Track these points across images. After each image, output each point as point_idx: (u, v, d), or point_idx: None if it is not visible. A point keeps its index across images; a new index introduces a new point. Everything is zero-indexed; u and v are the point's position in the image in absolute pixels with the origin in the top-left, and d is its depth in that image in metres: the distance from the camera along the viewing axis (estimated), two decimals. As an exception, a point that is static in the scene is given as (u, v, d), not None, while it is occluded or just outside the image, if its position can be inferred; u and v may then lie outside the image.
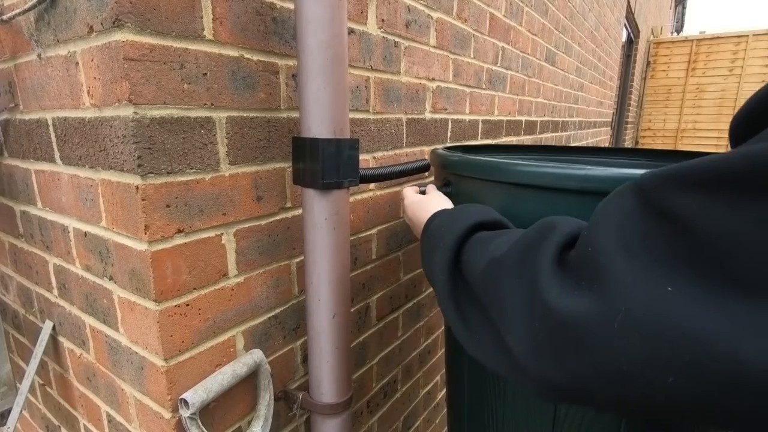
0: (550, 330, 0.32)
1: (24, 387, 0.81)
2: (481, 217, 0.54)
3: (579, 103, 2.82)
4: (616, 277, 0.28)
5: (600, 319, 0.28)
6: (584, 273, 0.31)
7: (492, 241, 0.45)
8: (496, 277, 0.40)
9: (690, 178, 0.26)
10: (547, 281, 0.33)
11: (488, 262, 0.42)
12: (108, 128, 0.54)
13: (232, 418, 0.71)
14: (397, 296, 1.12)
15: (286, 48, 0.69)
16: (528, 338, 0.34)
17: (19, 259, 0.85)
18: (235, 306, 0.68)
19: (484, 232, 0.51)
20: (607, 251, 0.29)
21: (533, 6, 1.72)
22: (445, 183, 0.83)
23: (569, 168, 0.59)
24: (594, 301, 0.29)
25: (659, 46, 7.24)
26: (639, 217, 0.29)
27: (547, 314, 0.32)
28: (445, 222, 0.58)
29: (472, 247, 0.49)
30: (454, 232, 0.52)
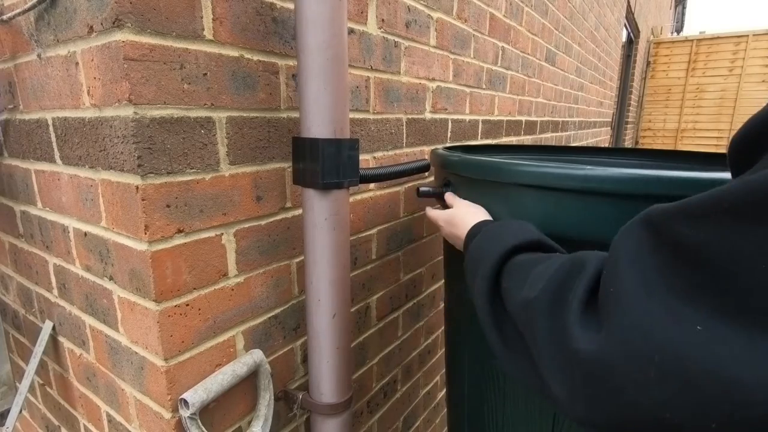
0: (582, 374, 0.32)
1: (24, 387, 0.81)
2: (518, 239, 0.53)
3: (579, 103, 2.82)
4: (641, 322, 0.28)
5: (634, 364, 0.28)
6: (608, 314, 0.31)
7: (529, 272, 0.45)
8: (531, 318, 0.41)
9: (693, 209, 0.26)
10: (575, 325, 0.33)
11: (522, 301, 0.43)
12: (108, 128, 0.54)
13: (232, 418, 0.71)
14: (397, 296, 1.12)
15: (286, 48, 0.69)
16: (562, 381, 0.35)
17: (19, 259, 0.85)
18: (235, 306, 0.68)
19: (524, 256, 0.51)
20: (626, 289, 0.29)
21: (533, 6, 1.72)
22: (445, 183, 0.83)
23: (570, 168, 0.59)
24: (624, 346, 0.29)
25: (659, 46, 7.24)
26: (652, 251, 0.29)
27: (578, 360, 0.32)
28: (482, 246, 0.58)
29: (510, 275, 0.49)
30: (491, 259, 0.52)
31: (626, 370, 0.28)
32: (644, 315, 0.28)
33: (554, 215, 0.62)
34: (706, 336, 0.24)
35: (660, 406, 0.27)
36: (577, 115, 2.83)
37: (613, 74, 4.11)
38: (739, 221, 0.24)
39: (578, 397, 0.33)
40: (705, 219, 0.26)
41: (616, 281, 0.31)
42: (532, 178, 0.63)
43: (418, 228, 1.18)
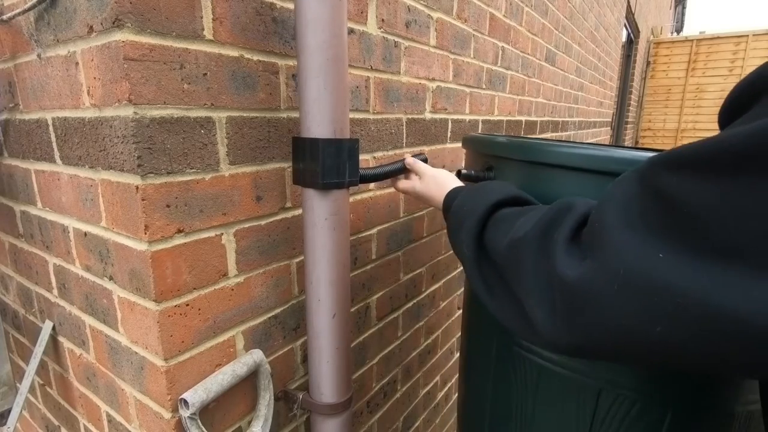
0: (564, 297, 0.36)
1: (24, 387, 0.81)
2: (501, 195, 0.56)
3: (579, 103, 2.82)
4: (617, 247, 0.32)
5: (603, 282, 0.32)
6: (592, 245, 0.35)
7: (514, 220, 0.49)
8: (518, 256, 0.44)
9: (678, 161, 0.30)
10: (562, 257, 0.38)
11: (510, 242, 0.46)
12: (108, 128, 0.54)
13: (232, 418, 0.71)
14: (397, 296, 1.12)
15: (286, 48, 0.69)
16: (546, 307, 0.39)
17: (19, 259, 0.85)
18: (235, 306, 0.68)
19: (506, 210, 0.54)
20: (611, 226, 0.33)
21: (533, 6, 1.72)
22: (487, 167, 0.80)
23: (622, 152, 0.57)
24: (598, 268, 0.33)
25: (659, 46, 7.24)
26: (638, 197, 0.33)
27: (562, 284, 0.36)
28: (467, 201, 0.61)
29: (494, 225, 0.53)
30: (476, 212, 0.55)
31: (599, 290, 0.33)
32: (621, 244, 0.32)
33: None
34: (666, 261, 0.29)
35: (618, 316, 0.32)
36: (577, 115, 2.83)
37: (613, 74, 4.11)
38: (709, 172, 0.27)
39: (561, 321, 0.37)
40: (684, 169, 0.29)
41: (603, 218, 0.35)
42: (594, 162, 0.60)
43: (418, 228, 1.18)
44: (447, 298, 1.42)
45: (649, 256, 0.30)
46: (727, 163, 0.26)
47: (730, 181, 0.26)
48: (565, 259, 0.37)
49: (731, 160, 0.26)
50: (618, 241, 0.32)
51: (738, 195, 0.26)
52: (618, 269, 0.31)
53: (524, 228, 0.45)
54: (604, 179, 0.60)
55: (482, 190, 0.61)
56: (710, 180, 0.27)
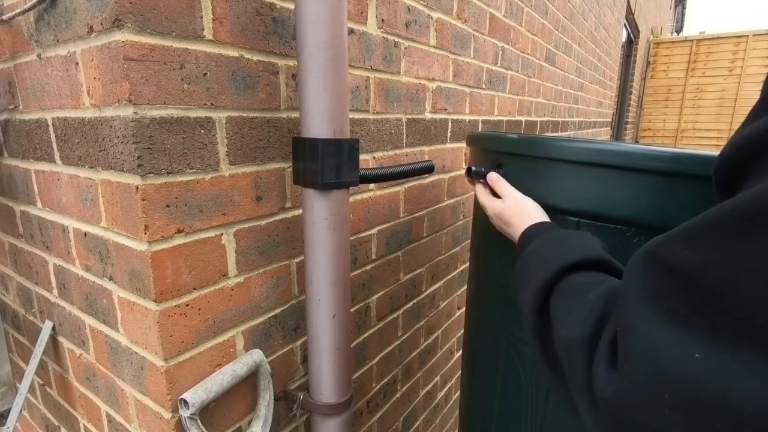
0: (608, 417, 0.33)
1: (24, 387, 0.81)
2: (577, 257, 0.50)
3: (579, 103, 2.82)
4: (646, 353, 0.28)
5: (645, 401, 0.28)
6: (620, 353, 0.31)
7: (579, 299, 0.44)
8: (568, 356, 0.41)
9: (687, 232, 0.27)
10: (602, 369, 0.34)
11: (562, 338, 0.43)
12: (108, 128, 0.54)
13: (232, 418, 0.71)
14: (397, 296, 1.12)
15: (286, 48, 0.69)
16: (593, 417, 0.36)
17: (19, 259, 0.85)
18: (235, 306, 0.68)
19: (578, 276, 0.48)
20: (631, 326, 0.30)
21: (533, 6, 1.72)
22: (497, 165, 0.78)
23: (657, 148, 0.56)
24: (636, 383, 0.29)
25: (659, 46, 7.24)
26: (650, 279, 0.30)
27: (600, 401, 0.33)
28: (539, 252, 0.55)
29: (560, 297, 0.47)
30: (546, 271, 0.50)
31: (641, 404, 0.29)
32: (649, 347, 0.28)
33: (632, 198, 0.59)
34: (706, 364, 0.25)
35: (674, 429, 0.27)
36: (577, 115, 2.83)
37: (613, 74, 4.11)
38: (725, 241, 0.25)
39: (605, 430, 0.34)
40: (696, 241, 0.26)
41: (622, 318, 0.31)
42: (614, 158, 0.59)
43: (418, 228, 1.18)
44: (447, 298, 1.42)
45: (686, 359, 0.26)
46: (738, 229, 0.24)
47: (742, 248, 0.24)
48: (602, 373, 0.34)
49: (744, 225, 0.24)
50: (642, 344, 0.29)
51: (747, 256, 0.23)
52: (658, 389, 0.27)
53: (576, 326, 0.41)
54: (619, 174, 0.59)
55: (560, 242, 0.55)
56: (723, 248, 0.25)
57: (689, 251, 0.27)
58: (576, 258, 0.49)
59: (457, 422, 1.66)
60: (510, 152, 0.76)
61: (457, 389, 1.63)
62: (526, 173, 0.72)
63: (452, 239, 1.39)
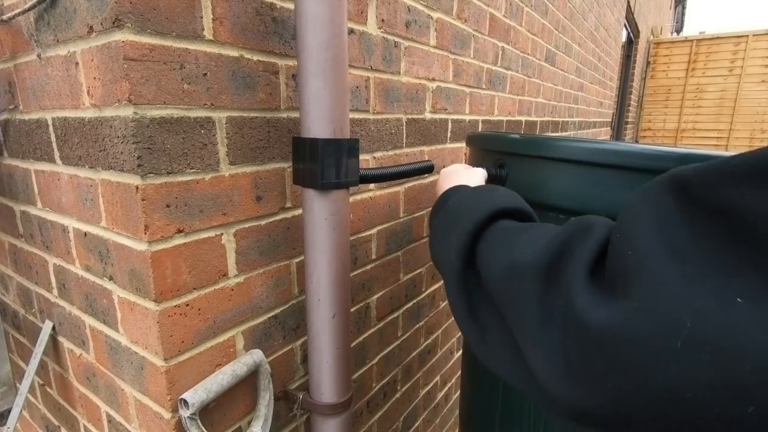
0: (587, 348, 0.28)
1: (24, 387, 0.81)
2: (507, 203, 0.47)
3: (579, 104, 2.82)
4: (671, 288, 0.24)
5: (655, 332, 0.24)
6: (626, 280, 0.27)
7: (518, 236, 0.40)
8: (518, 286, 0.36)
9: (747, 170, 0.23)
10: (582, 294, 0.29)
11: (511, 263, 0.37)
12: (108, 128, 0.54)
13: (232, 418, 0.71)
14: (396, 296, 1.12)
15: (286, 48, 0.69)
16: (556, 359, 0.30)
17: (19, 259, 0.85)
18: (235, 306, 0.68)
19: (508, 221, 0.45)
20: (654, 256, 0.26)
21: (533, 6, 1.72)
22: (499, 165, 0.78)
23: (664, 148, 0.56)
24: (643, 312, 0.25)
25: (659, 46, 7.24)
26: (686, 219, 0.26)
27: (583, 331, 0.28)
28: (465, 201, 0.51)
29: (493, 237, 0.43)
30: (474, 215, 0.46)
31: (646, 340, 0.25)
32: (675, 282, 0.24)
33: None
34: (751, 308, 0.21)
35: (680, 382, 0.23)
36: (577, 115, 2.83)
37: (613, 74, 4.11)
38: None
39: (578, 378, 0.29)
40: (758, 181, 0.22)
41: (636, 245, 0.27)
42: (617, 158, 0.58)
43: (418, 228, 1.18)
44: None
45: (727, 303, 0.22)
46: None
47: None
48: (588, 297, 0.29)
49: None
50: (670, 279, 0.25)
51: None
52: (680, 319, 0.23)
53: (529, 250, 0.36)
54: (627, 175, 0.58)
55: (485, 193, 0.52)
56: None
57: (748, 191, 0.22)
58: (505, 205, 0.47)
59: (457, 422, 1.66)
60: (512, 152, 0.76)
61: (457, 389, 1.63)
62: (528, 174, 0.72)
63: (452, 239, 1.39)
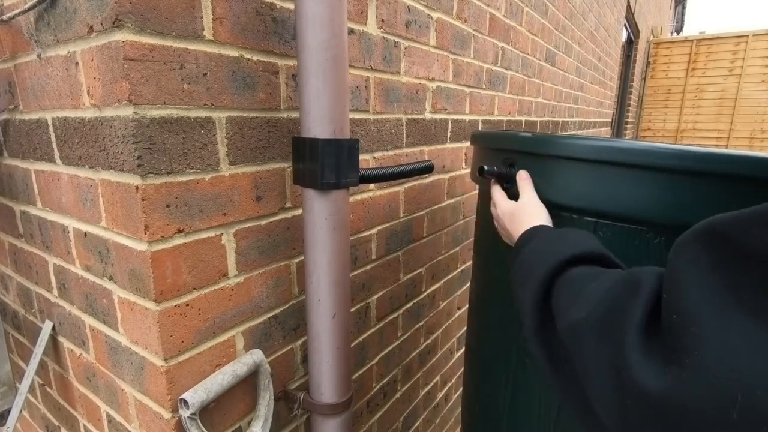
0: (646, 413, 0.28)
1: (24, 387, 0.81)
2: (577, 249, 0.48)
3: (579, 103, 2.82)
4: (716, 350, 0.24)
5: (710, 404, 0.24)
6: (676, 346, 0.27)
7: (582, 289, 0.41)
8: (580, 341, 0.37)
9: None
10: (638, 359, 0.29)
11: (571, 323, 0.39)
12: (108, 128, 0.54)
13: (232, 418, 0.71)
14: (397, 296, 1.12)
15: (286, 48, 0.69)
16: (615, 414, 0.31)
17: (19, 259, 0.85)
18: (235, 306, 0.68)
19: (579, 269, 0.46)
20: (696, 318, 0.26)
21: (533, 6, 1.72)
22: (509, 164, 0.77)
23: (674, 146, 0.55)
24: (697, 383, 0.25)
25: (659, 46, 7.23)
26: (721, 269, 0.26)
27: (643, 396, 0.28)
28: (538, 249, 0.53)
29: (562, 288, 0.45)
30: (546, 266, 0.47)
31: (701, 411, 0.25)
32: (722, 347, 0.24)
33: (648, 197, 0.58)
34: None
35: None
36: (577, 115, 2.83)
37: (613, 74, 4.11)
38: None
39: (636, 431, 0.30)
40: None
41: (680, 308, 0.27)
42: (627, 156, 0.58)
43: (418, 228, 1.18)
44: (447, 298, 1.42)
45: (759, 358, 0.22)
46: None
47: None
48: (644, 362, 0.29)
49: None
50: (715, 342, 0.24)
51: None
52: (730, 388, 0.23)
53: (586, 306, 0.37)
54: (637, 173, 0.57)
55: (558, 239, 0.53)
56: None
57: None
58: (574, 252, 0.47)
59: (457, 422, 1.66)
60: (523, 151, 0.74)
61: (457, 389, 1.63)
62: (539, 173, 0.71)
63: (452, 239, 1.39)
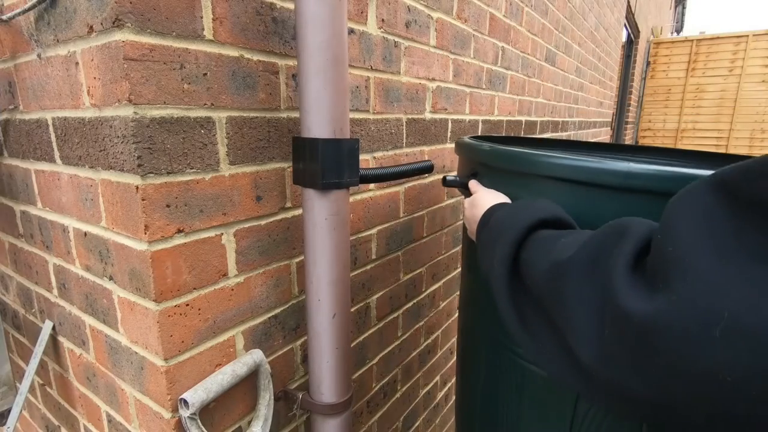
0: (628, 336, 0.30)
1: (24, 387, 0.81)
2: (545, 214, 0.50)
3: (579, 104, 2.82)
4: (710, 279, 0.26)
5: (693, 322, 0.26)
6: (667, 275, 0.29)
7: (556, 241, 0.43)
8: (562, 281, 0.38)
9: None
10: (623, 285, 0.31)
11: (552, 264, 0.40)
12: (108, 128, 0.54)
13: (232, 418, 0.71)
14: (396, 296, 1.12)
15: (286, 48, 0.69)
16: (599, 345, 0.32)
17: (19, 259, 0.85)
18: (235, 306, 0.68)
19: (548, 231, 0.48)
20: (694, 251, 0.27)
21: (533, 6, 1.72)
22: (472, 173, 0.80)
23: (611, 163, 0.57)
24: (683, 304, 0.27)
25: (659, 46, 7.23)
26: (727, 214, 0.27)
27: (624, 319, 0.30)
28: (506, 216, 0.55)
29: (534, 245, 0.47)
30: (515, 227, 0.49)
31: (685, 330, 0.26)
32: (715, 277, 0.26)
33: (588, 211, 0.60)
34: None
35: (717, 366, 0.25)
36: (577, 115, 2.83)
37: (613, 74, 4.11)
38: None
39: (616, 361, 0.31)
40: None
41: (677, 242, 0.28)
42: (569, 172, 0.60)
43: (418, 228, 1.18)
44: (447, 298, 1.42)
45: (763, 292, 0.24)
46: None
47: None
48: (629, 290, 0.31)
49: None
50: (711, 271, 0.26)
51: None
52: (718, 309, 0.25)
53: (568, 250, 0.39)
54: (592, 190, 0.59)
55: (523, 206, 0.55)
56: None
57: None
58: (543, 215, 0.49)
59: (457, 422, 1.66)
60: (483, 162, 0.77)
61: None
62: (498, 183, 0.74)
63: (452, 239, 1.39)
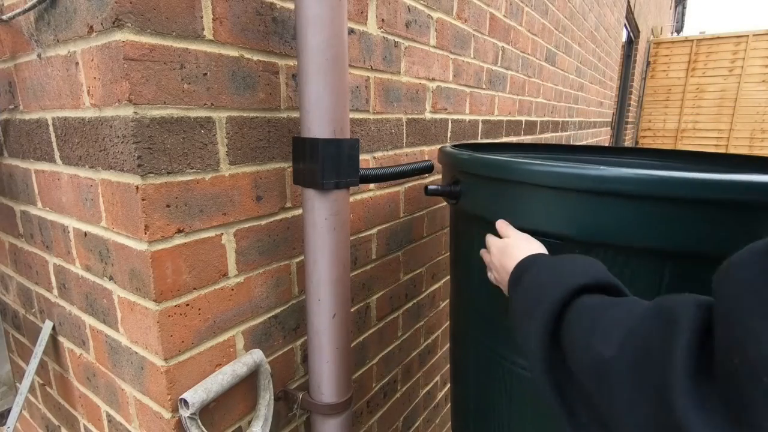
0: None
1: (24, 387, 0.81)
2: (587, 279, 0.43)
3: (579, 103, 2.82)
4: None
5: None
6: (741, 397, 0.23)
7: (600, 318, 0.37)
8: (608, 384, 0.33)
9: None
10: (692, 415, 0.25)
11: (595, 361, 0.35)
12: (108, 128, 0.54)
13: (232, 418, 0.71)
14: (397, 296, 1.12)
15: (286, 48, 0.69)
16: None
17: (19, 259, 0.85)
18: (235, 306, 0.68)
19: (591, 298, 0.42)
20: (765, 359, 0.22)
21: (533, 6, 1.72)
22: (453, 182, 0.81)
23: (584, 168, 0.57)
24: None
25: (659, 46, 7.23)
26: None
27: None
28: (542, 277, 0.48)
29: (575, 320, 0.40)
30: (553, 296, 0.43)
31: None
32: None
33: (567, 216, 0.60)
34: None
35: None
36: (577, 115, 2.83)
37: (613, 74, 4.11)
38: None
39: None
40: None
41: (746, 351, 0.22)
42: (545, 179, 0.61)
43: (418, 228, 1.18)
44: (447, 298, 1.42)
45: None
46: None
47: None
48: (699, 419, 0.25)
49: None
50: None
51: None
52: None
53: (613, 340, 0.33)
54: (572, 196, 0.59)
55: (563, 266, 0.48)
56: None
57: None
58: (585, 280, 0.43)
59: (457, 422, 1.66)
60: (464, 171, 0.78)
61: (457, 389, 1.63)
62: (479, 191, 0.75)
63: (452, 239, 1.39)
